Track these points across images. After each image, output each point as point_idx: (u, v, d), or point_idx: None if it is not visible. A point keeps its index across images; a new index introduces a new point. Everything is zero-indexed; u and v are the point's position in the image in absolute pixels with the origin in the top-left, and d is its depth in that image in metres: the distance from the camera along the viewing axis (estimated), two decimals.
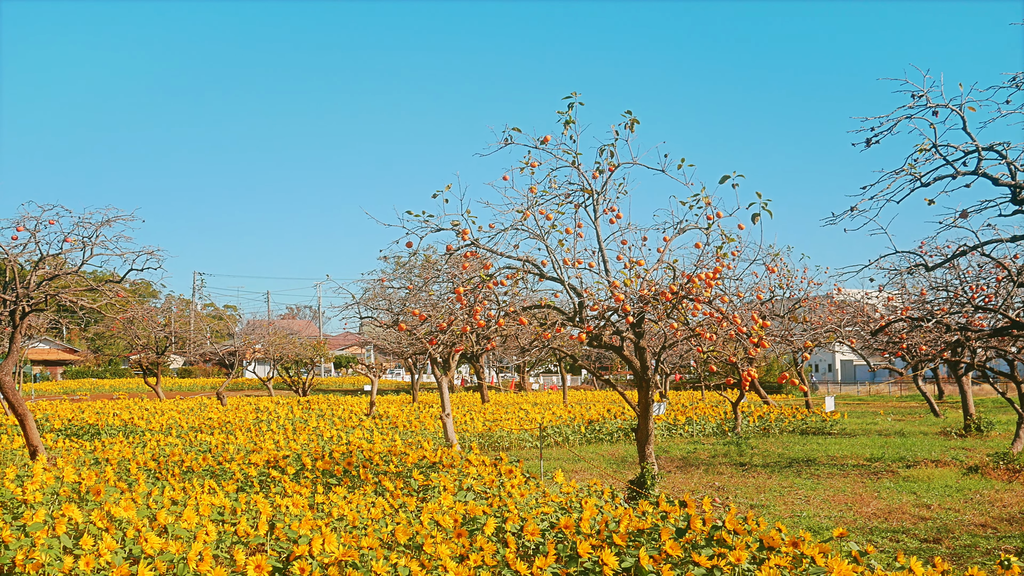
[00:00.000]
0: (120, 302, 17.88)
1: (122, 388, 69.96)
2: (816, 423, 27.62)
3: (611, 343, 11.85)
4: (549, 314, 11.93)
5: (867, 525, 12.33)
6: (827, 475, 17.25)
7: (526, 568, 6.72)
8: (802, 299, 22.66)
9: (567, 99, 11.09)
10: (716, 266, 10.83)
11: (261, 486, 12.15)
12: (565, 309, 11.80)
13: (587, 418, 26.63)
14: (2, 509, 9.50)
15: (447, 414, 18.95)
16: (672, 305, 10.75)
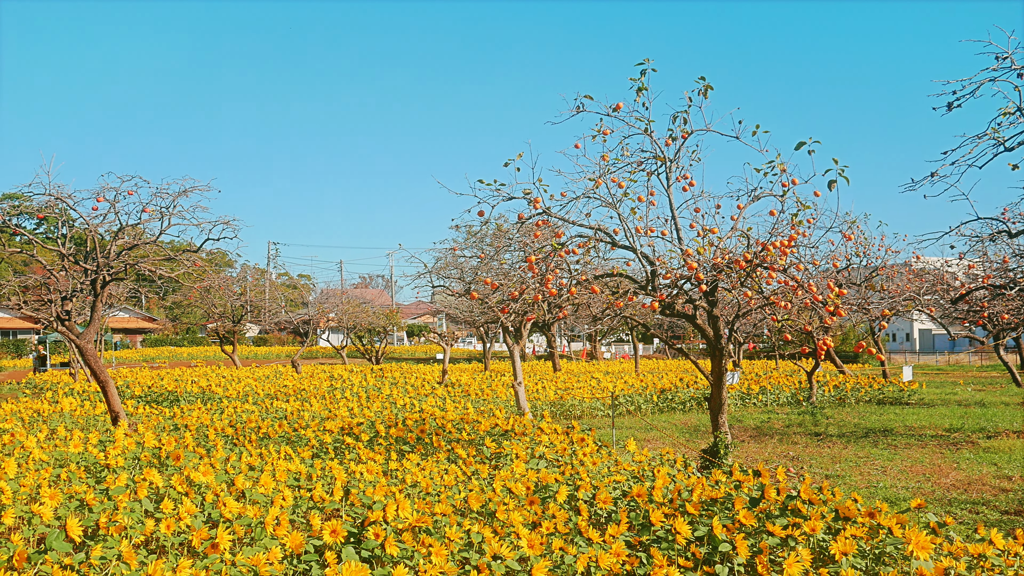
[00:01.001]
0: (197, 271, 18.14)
1: (199, 356, 71.30)
2: (893, 393, 27.18)
3: (684, 312, 11.76)
4: (621, 283, 11.87)
5: (946, 496, 12.13)
6: (904, 446, 16.99)
7: (598, 536, 6.72)
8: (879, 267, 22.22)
9: (639, 66, 10.96)
10: (791, 234, 10.66)
11: (336, 453, 12.30)
12: (637, 278, 11.73)
13: (659, 387, 26.53)
14: (85, 473, 9.74)
15: (519, 382, 18.99)
16: (746, 273, 10.63)
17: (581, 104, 11.08)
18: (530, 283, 11.22)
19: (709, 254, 10.81)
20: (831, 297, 10.07)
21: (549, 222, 11.34)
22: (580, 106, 11.08)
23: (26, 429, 13.98)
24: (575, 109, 11.09)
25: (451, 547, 6.38)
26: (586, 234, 11.22)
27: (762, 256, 10.38)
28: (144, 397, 26.10)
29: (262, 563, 5.51)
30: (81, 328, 17.79)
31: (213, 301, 43.76)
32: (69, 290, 15.62)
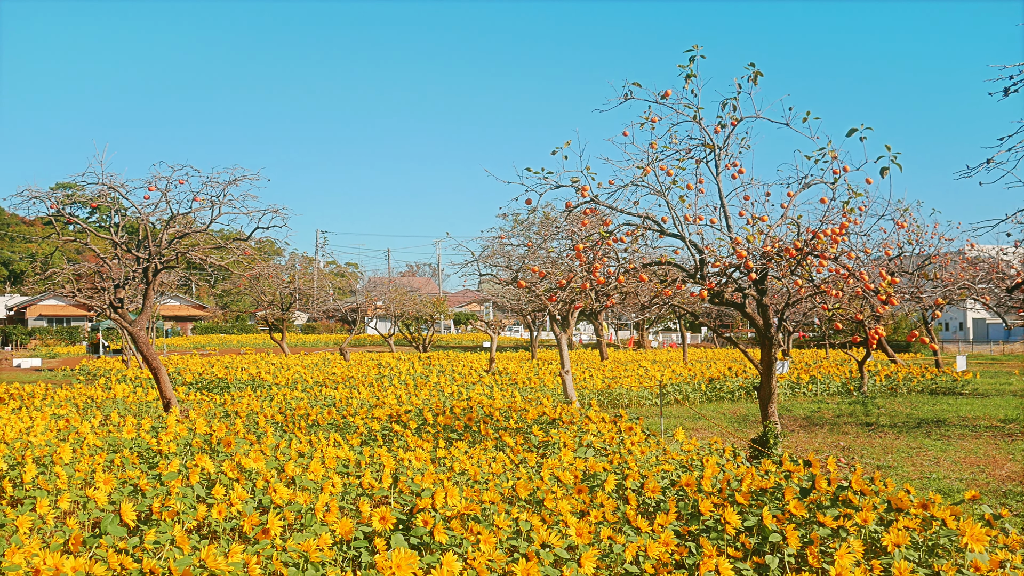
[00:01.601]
0: (247, 259, 18.30)
1: (249, 343, 71.99)
2: (946, 383, 26.80)
3: (733, 300, 11.68)
4: (669, 271, 11.80)
5: (1001, 488, 11.95)
6: (958, 436, 16.76)
7: (647, 525, 6.70)
8: (932, 255, 21.94)
9: (688, 52, 10.88)
10: (842, 221, 10.54)
11: (384, 440, 12.36)
12: (686, 266, 11.64)
13: (707, 376, 26.39)
14: (138, 459, 9.86)
15: (566, 371, 18.98)
16: (796, 261, 10.53)
17: (629, 91, 11.02)
18: (578, 271, 11.18)
19: (759, 242, 10.72)
20: (883, 285, 9.94)
21: (597, 210, 11.30)
22: (628, 93, 11.02)
23: (80, 415, 14.19)
24: (623, 97, 11.03)
25: (499, 535, 6.39)
26: (634, 222, 11.17)
27: (813, 244, 10.27)
28: (195, 384, 26.41)
29: (312, 549, 5.55)
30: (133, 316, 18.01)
31: (262, 289, 44.14)
32: (122, 278, 15.82)
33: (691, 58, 10.88)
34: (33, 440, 10.16)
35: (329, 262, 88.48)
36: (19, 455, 9.35)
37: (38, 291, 79.18)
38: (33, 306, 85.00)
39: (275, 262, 52.72)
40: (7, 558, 5.22)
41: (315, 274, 55.46)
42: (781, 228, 11.13)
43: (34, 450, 9.48)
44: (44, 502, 6.82)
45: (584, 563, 5.58)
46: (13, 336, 75.96)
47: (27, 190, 15.06)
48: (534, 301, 26.59)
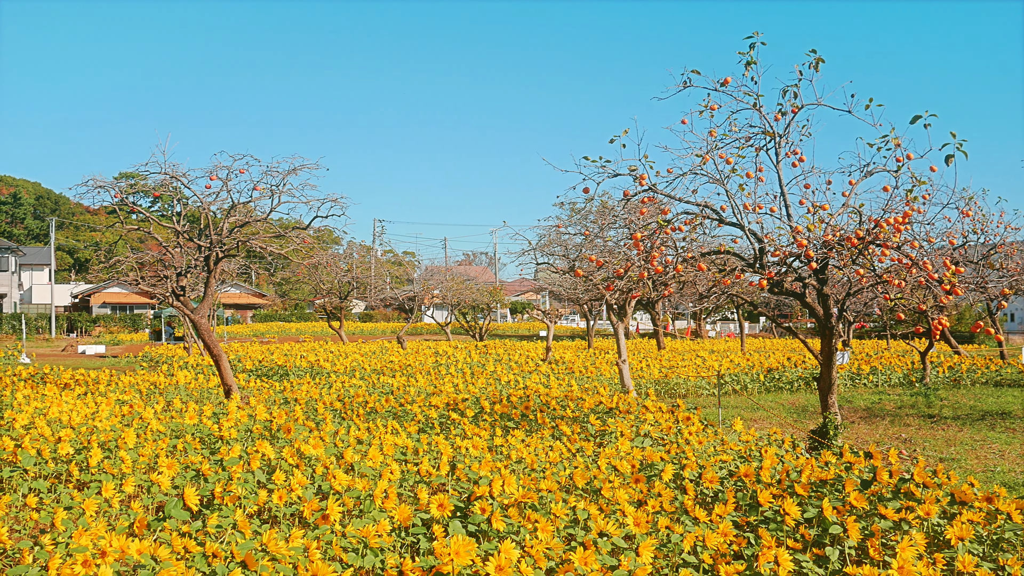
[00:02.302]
0: (306, 248, 18.45)
1: (307, 331, 72.67)
2: (1012, 374, 26.29)
3: (793, 290, 11.56)
4: (728, 260, 11.70)
5: None
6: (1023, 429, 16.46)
7: (705, 515, 6.67)
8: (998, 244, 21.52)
9: (748, 39, 10.78)
10: (906, 210, 10.38)
11: (441, 428, 12.42)
12: (745, 255, 11.55)
13: (766, 366, 26.17)
14: (200, 444, 10.00)
15: (623, 360, 18.93)
16: (858, 251, 10.39)
17: (688, 79, 10.94)
18: (635, 260, 11.14)
19: (819, 231, 10.59)
20: (947, 275, 9.79)
21: (655, 199, 11.24)
22: (687, 81, 10.94)
23: (144, 401, 14.43)
24: (682, 84, 10.95)
25: (557, 523, 6.40)
26: (692, 211, 11.10)
27: (875, 233, 10.13)
28: (255, 371, 26.72)
29: (372, 535, 5.60)
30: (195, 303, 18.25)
31: (321, 277, 44.52)
32: (184, 266, 16.03)
33: (751, 45, 10.78)
34: (98, 425, 10.34)
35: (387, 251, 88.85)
36: (85, 440, 9.53)
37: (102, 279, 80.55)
38: (97, 294, 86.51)
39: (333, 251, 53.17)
40: (75, 540, 5.33)
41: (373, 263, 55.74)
42: (842, 217, 11.00)
43: (99, 435, 9.66)
44: (109, 486, 6.95)
45: (642, 552, 5.57)
46: (78, 323, 77.40)
47: (92, 179, 15.30)
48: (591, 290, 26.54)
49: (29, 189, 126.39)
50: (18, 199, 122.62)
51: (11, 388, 16.84)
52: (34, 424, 10.55)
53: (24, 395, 14.06)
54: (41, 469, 8.75)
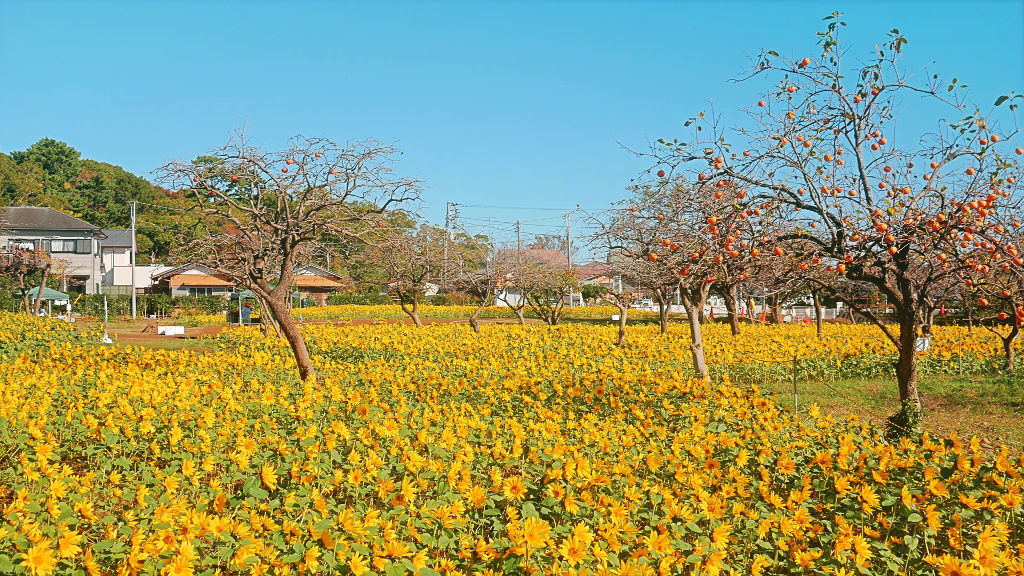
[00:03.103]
0: (380, 231, 18.58)
1: (381, 314, 73.21)
2: None
3: (871, 275, 11.36)
4: (805, 244, 11.54)
5: None
6: None
7: (780, 502, 6.61)
8: None
9: (828, 19, 10.59)
10: (990, 193, 10.14)
11: (514, 411, 12.46)
12: (823, 239, 11.38)
13: (843, 352, 25.78)
14: (277, 424, 10.16)
15: (697, 345, 18.80)
16: (940, 235, 10.18)
17: (765, 61, 10.80)
18: (710, 244, 11.04)
19: (900, 215, 10.39)
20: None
21: (731, 182, 11.12)
22: (764, 63, 10.80)
23: (222, 381, 14.68)
24: (759, 66, 10.82)
25: (630, 507, 6.38)
26: (769, 194, 10.97)
27: (958, 217, 9.92)
28: (330, 353, 27.04)
29: (446, 516, 5.63)
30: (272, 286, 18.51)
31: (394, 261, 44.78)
32: (261, 249, 16.26)
33: (831, 25, 10.59)
34: (178, 405, 10.55)
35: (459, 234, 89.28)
36: (166, 419, 9.74)
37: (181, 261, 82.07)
38: (176, 276, 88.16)
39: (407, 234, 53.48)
40: (157, 516, 5.45)
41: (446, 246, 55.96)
42: (924, 200, 10.78)
43: (179, 414, 9.86)
44: (189, 464, 7.08)
45: (716, 538, 5.53)
46: (158, 304, 79.02)
47: (172, 163, 15.57)
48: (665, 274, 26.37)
49: (111, 173, 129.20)
50: (100, 183, 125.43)
51: (94, 368, 17.26)
52: (117, 403, 10.80)
53: (107, 375, 14.40)
54: (124, 447, 8.97)
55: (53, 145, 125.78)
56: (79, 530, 6.02)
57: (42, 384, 12.93)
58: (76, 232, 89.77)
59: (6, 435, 9.66)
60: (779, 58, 10.74)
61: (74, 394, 12.18)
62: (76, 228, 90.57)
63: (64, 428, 10.04)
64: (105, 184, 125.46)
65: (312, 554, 4.88)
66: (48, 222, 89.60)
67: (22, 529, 5.11)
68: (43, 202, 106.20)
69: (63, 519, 5.52)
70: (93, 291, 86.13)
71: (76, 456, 9.66)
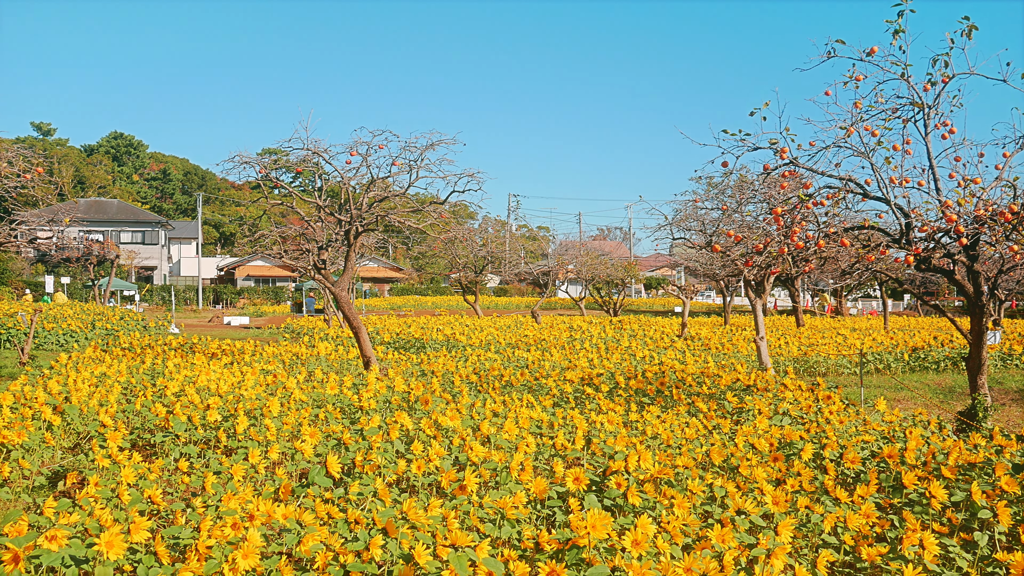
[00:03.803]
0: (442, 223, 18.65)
1: (443, 305, 73.54)
2: None
3: (941, 267, 11.17)
4: (872, 235, 11.38)
5: None
6: None
7: (846, 496, 6.53)
8: None
9: (896, 7, 10.41)
10: None
11: (576, 402, 12.45)
12: (890, 230, 11.20)
13: (911, 345, 25.37)
14: (341, 414, 10.25)
15: (761, 337, 18.63)
16: (1012, 226, 9.97)
17: (832, 49, 10.64)
18: (775, 236, 10.93)
19: (970, 205, 10.20)
20: None
21: (796, 172, 10.99)
22: (831, 51, 10.65)
23: (286, 371, 14.84)
24: (825, 55, 10.67)
25: (693, 500, 6.35)
26: (835, 185, 10.82)
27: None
28: (392, 343, 27.20)
29: (508, 506, 5.65)
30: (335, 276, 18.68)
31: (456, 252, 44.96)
32: (324, 240, 16.41)
33: (899, 13, 10.41)
34: (244, 394, 10.70)
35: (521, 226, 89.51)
36: (232, 407, 9.87)
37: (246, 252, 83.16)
38: (241, 267, 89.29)
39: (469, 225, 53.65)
40: (224, 503, 5.53)
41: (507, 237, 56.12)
42: (995, 191, 10.56)
43: (245, 403, 9.99)
44: (255, 452, 7.17)
45: (781, 531, 5.48)
46: (223, 295, 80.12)
47: (238, 155, 15.77)
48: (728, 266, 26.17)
49: (178, 165, 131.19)
50: (167, 175, 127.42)
51: (162, 357, 17.55)
52: (184, 392, 10.98)
53: (175, 364, 14.63)
54: (191, 435, 9.11)
55: (122, 138, 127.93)
56: (148, 516, 6.13)
57: (112, 373, 13.18)
58: (144, 223, 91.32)
59: (78, 422, 9.88)
60: (846, 47, 10.59)
61: (143, 383, 12.41)
62: (144, 219, 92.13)
63: (133, 416, 10.23)
64: (172, 176, 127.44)
65: (376, 542, 4.92)
66: (117, 214, 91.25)
67: (94, 514, 5.22)
68: (112, 194, 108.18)
69: (133, 505, 5.63)
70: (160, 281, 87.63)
71: (145, 443, 9.84)
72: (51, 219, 19.20)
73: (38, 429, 9.12)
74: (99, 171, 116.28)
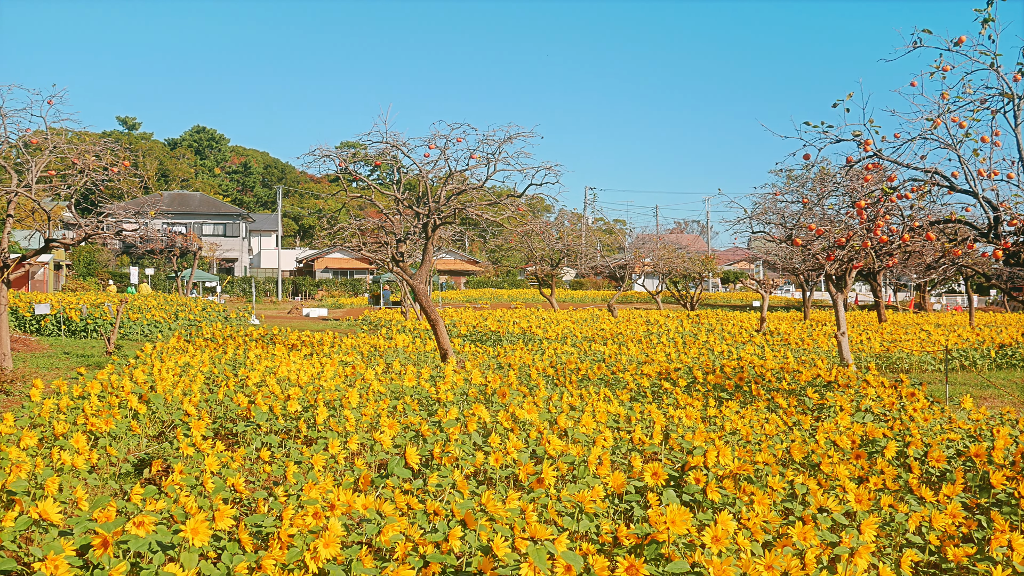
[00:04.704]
0: (519, 216, 18.66)
1: (518, 298, 73.56)
2: None
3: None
4: (959, 229, 11.13)
5: None
6: None
7: (931, 495, 6.40)
8: None
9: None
10: None
11: (653, 397, 12.38)
12: (978, 224, 10.94)
13: (997, 342, 24.79)
14: (418, 405, 10.32)
15: (842, 332, 18.34)
16: None
17: (918, 39, 10.41)
18: (857, 229, 10.75)
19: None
20: None
21: (880, 165, 10.79)
22: (917, 41, 10.42)
23: (365, 363, 14.98)
24: (911, 45, 10.44)
25: (774, 496, 6.28)
26: (921, 178, 10.59)
27: None
28: (469, 336, 27.30)
29: (587, 500, 5.63)
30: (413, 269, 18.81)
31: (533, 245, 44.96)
32: (402, 233, 16.53)
33: (989, 1, 10.15)
34: (324, 385, 10.83)
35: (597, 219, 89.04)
36: (312, 398, 10.00)
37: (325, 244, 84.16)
38: (320, 259, 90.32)
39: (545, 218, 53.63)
40: (305, 492, 5.60)
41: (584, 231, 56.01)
42: None
43: (325, 394, 10.11)
44: (335, 443, 7.26)
45: (864, 530, 5.39)
46: (302, 287, 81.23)
47: (318, 149, 15.96)
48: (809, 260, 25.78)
49: (258, 159, 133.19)
50: (248, 168, 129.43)
51: (244, 348, 17.84)
52: (265, 382, 11.15)
53: (256, 355, 14.86)
54: (272, 425, 9.25)
55: (204, 132, 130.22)
56: (232, 504, 6.23)
57: (195, 363, 13.43)
58: (225, 216, 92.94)
59: (162, 411, 10.09)
60: (933, 36, 10.35)
61: (225, 373, 12.62)
62: (225, 212, 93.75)
63: (216, 405, 10.42)
64: (253, 169, 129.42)
65: (455, 534, 4.95)
66: (199, 206, 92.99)
67: (179, 501, 5.32)
68: (195, 187, 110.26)
69: (217, 493, 5.72)
70: (241, 273, 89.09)
71: (227, 432, 10.02)
72: (137, 211, 19.59)
73: (124, 417, 9.33)
74: (182, 164, 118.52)
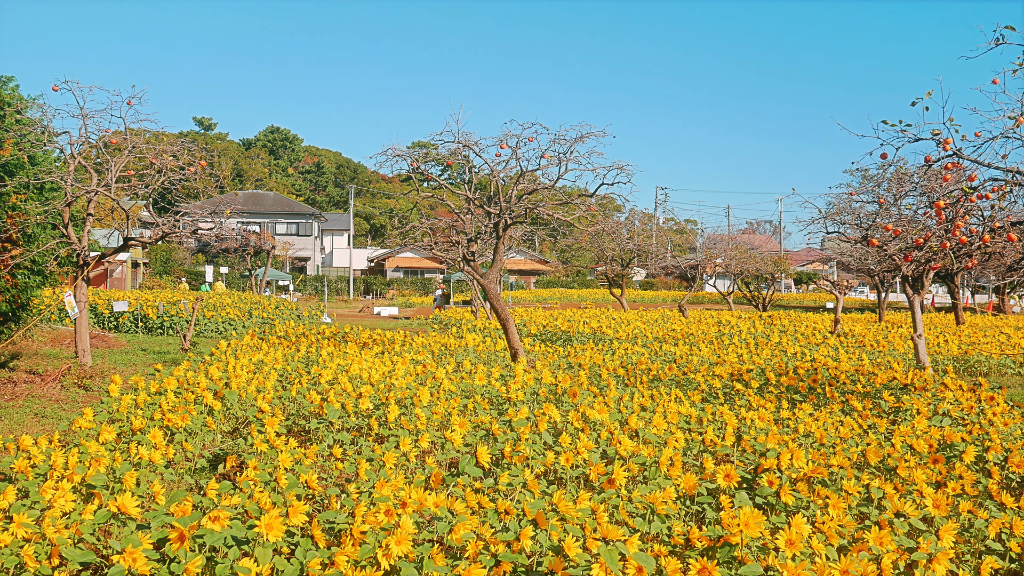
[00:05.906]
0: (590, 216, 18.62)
1: (588, 298, 73.36)
2: None
3: None
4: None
5: None
6: None
7: (1012, 501, 6.25)
8: None
9: None
10: None
11: (725, 398, 12.28)
12: None
13: None
14: (489, 404, 10.35)
15: (919, 335, 18.02)
16: None
17: (1001, 36, 10.18)
18: (935, 230, 10.56)
19: None
20: None
21: (960, 164, 10.58)
22: (1000, 38, 10.19)
23: (435, 361, 15.06)
24: (993, 42, 10.21)
25: (849, 500, 6.19)
26: (1002, 177, 10.37)
27: None
28: (539, 336, 27.29)
29: (658, 501, 5.61)
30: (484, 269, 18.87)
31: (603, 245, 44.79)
32: (473, 232, 16.59)
33: None
34: (395, 383, 10.90)
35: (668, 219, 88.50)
36: (383, 396, 10.08)
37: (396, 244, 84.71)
38: (391, 258, 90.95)
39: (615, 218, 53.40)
40: (377, 490, 5.64)
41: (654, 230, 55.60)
42: None
43: (396, 392, 10.18)
44: (407, 441, 7.30)
45: (942, 536, 5.29)
46: (373, 286, 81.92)
47: (390, 148, 16.07)
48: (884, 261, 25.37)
49: (331, 159, 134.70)
50: (321, 168, 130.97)
51: (316, 346, 18.04)
52: (337, 380, 11.26)
53: (328, 352, 15.02)
54: (344, 422, 9.33)
55: (278, 132, 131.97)
56: (305, 500, 6.31)
57: (268, 360, 13.61)
58: (298, 215, 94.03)
59: (236, 407, 10.24)
60: (1016, 33, 10.11)
61: (298, 370, 12.77)
62: (298, 211, 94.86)
63: (289, 402, 10.55)
64: (325, 169, 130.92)
65: (526, 533, 4.95)
66: (273, 205, 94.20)
67: (253, 497, 5.40)
68: (268, 186, 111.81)
69: (290, 489, 5.80)
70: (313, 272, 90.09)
71: (299, 429, 10.13)
72: (212, 211, 19.92)
73: (200, 413, 9.49)
74: (256, 164, 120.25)
